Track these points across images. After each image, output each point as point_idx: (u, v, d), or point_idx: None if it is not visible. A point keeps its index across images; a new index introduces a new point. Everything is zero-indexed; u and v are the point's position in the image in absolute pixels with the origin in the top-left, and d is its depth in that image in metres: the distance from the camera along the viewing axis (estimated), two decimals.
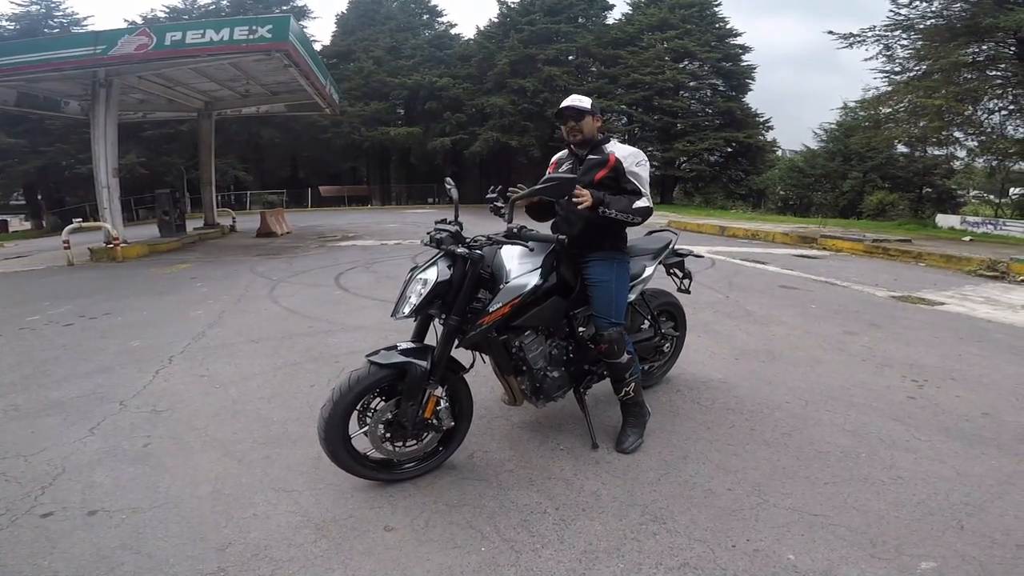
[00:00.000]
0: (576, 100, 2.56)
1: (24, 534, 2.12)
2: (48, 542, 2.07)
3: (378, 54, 31.93)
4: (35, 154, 24.93)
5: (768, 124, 29.46)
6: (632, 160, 2.53)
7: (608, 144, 2.60)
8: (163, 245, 12.54)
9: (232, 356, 4.31)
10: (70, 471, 2.59)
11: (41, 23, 27.32)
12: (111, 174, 11.25)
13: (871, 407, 3.21)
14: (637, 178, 2.50)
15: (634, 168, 2.51)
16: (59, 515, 2.25)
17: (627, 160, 2.53)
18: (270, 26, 10.18)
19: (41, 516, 2.23)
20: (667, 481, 2.41)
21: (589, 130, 2.57)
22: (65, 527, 2.17)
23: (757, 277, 7.52)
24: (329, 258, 9.86)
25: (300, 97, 15.42)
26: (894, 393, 3.43)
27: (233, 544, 2.04)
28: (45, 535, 2.12)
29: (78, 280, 8.56)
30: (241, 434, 2.94)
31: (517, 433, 2.87)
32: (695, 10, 28.11)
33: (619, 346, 2.55)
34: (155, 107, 16.15)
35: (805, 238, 11.66)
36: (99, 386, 3.73)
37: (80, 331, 5.25)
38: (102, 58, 10.03)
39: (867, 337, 4.68)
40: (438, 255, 2.26)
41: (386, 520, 2.16)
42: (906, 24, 14.69)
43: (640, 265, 3.00)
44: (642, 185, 2.50)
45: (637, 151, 2.58)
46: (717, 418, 3.05)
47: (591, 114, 2.55)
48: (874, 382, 3.63)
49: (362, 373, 2.19)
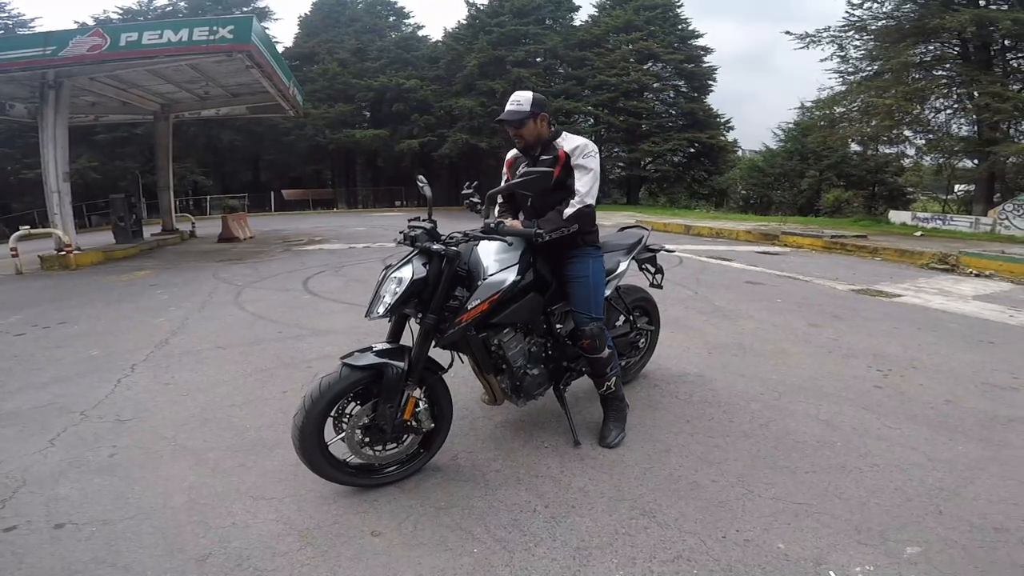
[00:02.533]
0: (514, 106, 2.47)
1: None
2: (14, 557, 1.98)
3: (343, 56, 31.45)
4: None
5: (729, 125, 30.24)
6: (580, 152, 2.48)
7: (559, 138, 2.55)
8: (119, 252, 12.03)
9: (199, 363, 4.16)
10: (31, 483, 2.47)
11: None
12: (62, 178, 10.73)
13: (841, 397, 3.31)
14: (582, 171, 2.46)
15: (580, 160, 2.47)
16: (23, 529, 2.15)
17: (575, 153, 2.48)
18: (232, 27, 9.87)
19: (4, 530, 2.13)
20: (653, 475, 2.42)
21: (532, 134, 2.50)
22: (31, 541, 2.07)
23: (723, 273, 7.72)
24: (296, 262, 9.64)
25: (262, 99, 15.04)
26: (861, 383, 3.54)
27: (214, 554, 1.96)
28: (11, 549, 2.02)
29: (28, 289, 8.14)
30: (213, 442, 2.84)
31: (500, 432, 2.85)
32: (659, 12, 28.58)
33: (600, 341, 2.56)
34: (108, 110, 15.49)
35: (767, 235, 12.04)
36: (57, 396, 3.54)
37: (32, 341, 5.00)
38: (52, 59, 9.53)
39: (831, 329, 4.83)
40: (413, 253, 2.21)
41: (372, 525, 2.11)
42: (859, 25, 15.28)
43: (614, 260, 3.02)
44: (586, 177, 2.46)
45: (586, 142, 2.52)
46: (696, 411, 3.09)
47: (532, 116, 2.46)
48: (841, 372, 3.74)
49: (334, 377, 2.12)
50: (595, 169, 2.48)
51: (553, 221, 2.42)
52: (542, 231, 2.35)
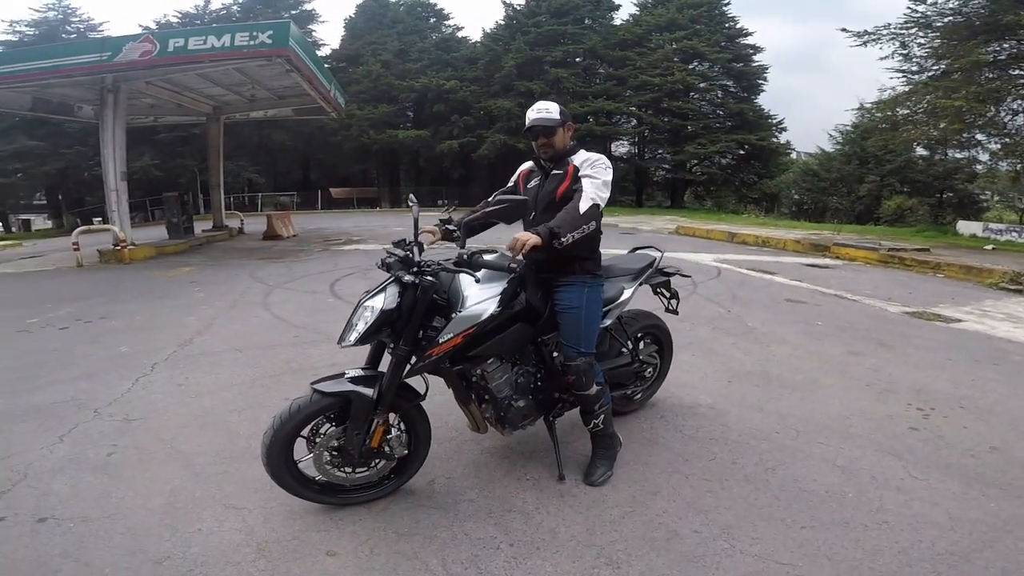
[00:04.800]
0: (544, 113, 2.36)
1: None
2: None
3: (386, 57, 32.10)
4: (55, 156, 25.44)
5: (781, 126, 29.06)
6: (588, 163, 2.34)
7: (573, 155, 2.43)
8: (170, 247, 12.64)
9: (214, 365, 4.27)
10: (31, 478, 2.60)
11: (59, 29, 27.85)
12: (119, 178, 11.35)
13: (868, 439, 3.01)
14: (589, 179, 2.29)
15: (588, 171, 2.32)
16: (9, 520, 2.26)
17: (583, 165, 2.34)
18: (270, 32, 10.21)
19: None
20: (631, 519, 2.28)
21: (561, 143, 2.40)
22: (12, 533, 2.19)
23: (763, 289, 7.23)
24: (330, 263, 9.83)
25: (306, 101, 15.50)
26: (895, 423, 3.22)
27: (171, 558, 2.03)
28: None
29: (83, 282, 8.64)
30: (205, 447, 2.89)
31: (484, 459, 2.76)
32: (703, 10, 27.83)
33: (587, 377, 2.41)
34: (165, 111, 16.33)
35: (817, 246, 11.32)
36: (80, 392, 3.73)
37: (74, 335, 5.27)
38: (108, 64, 10.16)
39: (874, 359, 4.40)
40: (388, 280, 2.16)
41: (331, 544, 2.10)
42: (923, 22, 14.30)
43: (617, 288, 2.82)
44: (595, 182, 2.28)
45: (598, 156, 2.38)
46: (698, 449, 2.89)
47: (562, 125, 2.37)
48: (875, 410, 3.41)
49: (304, 401, 2.12)
50: (604, 178, 2.31)
51: (569, 219, 2.16)
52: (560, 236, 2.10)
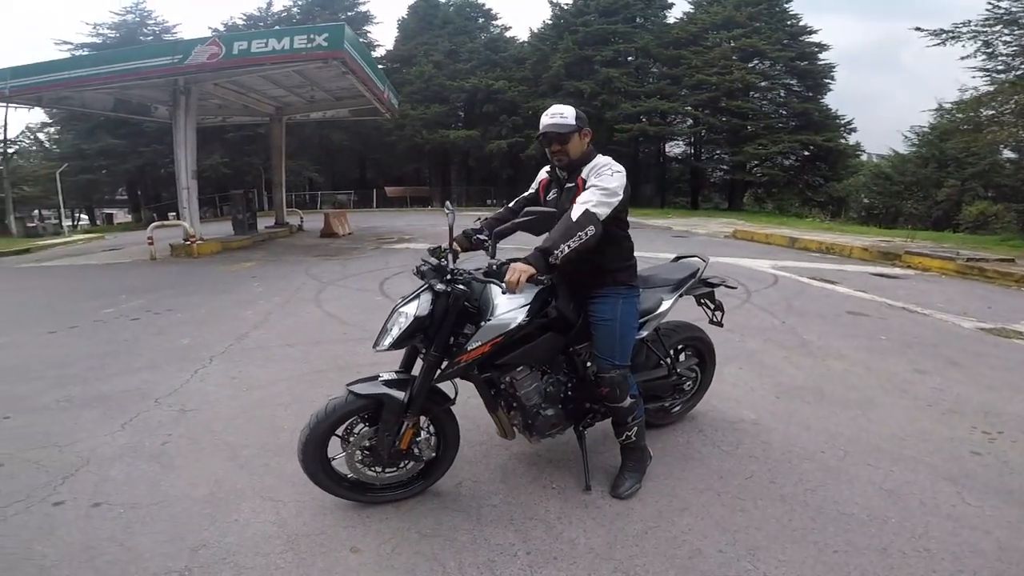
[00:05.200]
0: (558, 118, 2.26)
1: (32, 520, 2.30)
2: (49, 529, 2.24)
3: (437, 58, 32.73)
4: (135, 154, 27.38)
5: (850, 127, 27.58)
6: (593, 171, 2.24)
7: (588, 163, 2.31)
8: (235, 243, 13.34)
9: (266, 360, 4.46)
10: (92, 464, 2.78)
11: (136, 31, 29.84)
12: (190, 176, 12.08)
13: (923, 462, 2.83)
14: (591, 188, 2.17)
15: (592, 179, 2.21)
16: (68, 504, 2.42)
17: (589, 175, 2.24)
18: (326, 34, 10.63)
19: (53, 504, 2.42)
20: (654, 535, 2.23)
21: (576, 150, 2.31)
22: (69, 516, 2.33)
23: (823, 300, 6.81)
24: (381, 261, 10.10)
25: (361, 102, 16.02)
26: (956, 446, 3.00)
27: (207, 546, 2.14)
28: (49, 522, 2.29)
29: (155, 275, 9.25)
30: (250, 439, 3.04)
31: (512, 465, 2.77)
32: (763, 7, 26.83)
33: (621, 389, 2.37)
34: (232, 112, 17.25)
35: (887, 254, 10.57)
36: (143, 382, 3.98)
37: (143, 326, 5.64)
38: (179, 67, 10.87)
39: (940, 378, 4.10)
40: (422, 287, 2.20)
41: (355, 541, 2.17)
42: (1008, 19, 13.20)
43: (656, 298, 2.74)
44: (587, 192, 2.15)
45: (607, 161, 2.26)
46: (735, 466, 2.79)
47: (577, 131, 2.27)
48: (935, 432, 3.19)
49: (339, 402, 2.21)
50: (606, 185, 2.15)
51: (560, 231, 2.06)
52: (551, 252, 2.02)
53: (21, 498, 2.44)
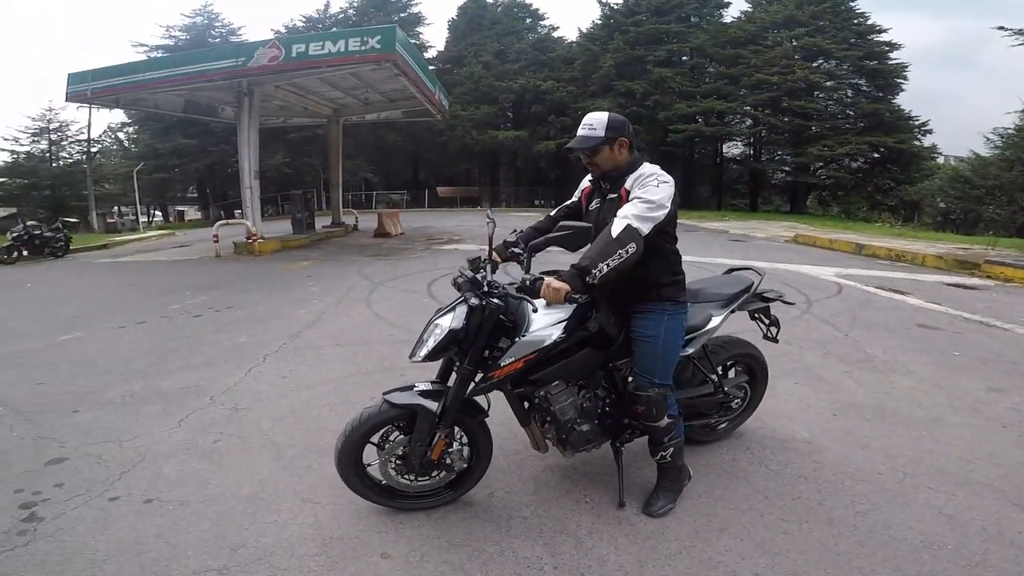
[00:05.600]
0: (586, 130, 2.18)
1: (89, 514, 2.42)
2: (104, 524, 2.36)
3: (486, 59, 33.04)
4: (204, 153, 28.93)
5: (925, 128, 25.89)
6: (637, 182, 2.13)
7: (632, 172, 2.20)
8: (293, 242, 13.88)
9: (316, 360, 4.61)
10: (149, 460, 2.93)
11: (205, 33, 31.40)
12: (253, 176, 12.65)
13: (990, 487, 2.63)
14: (634, 201, 2.07)
15: (636, 191, 2.10)
16: (123, 500, 2.54)
17: (633, 186, 2.14)
18: (379, 37, 10.91)
19: (109, 499, 2.55)
20: (688, 555, 2.16)
21: (607, 161, 2.21)
22: (123, 511, 2.45)
23: (891, 311, 6.39)
24: (430, 262, 10.27)
25: (414, 104, 16.36)
26: None
27: (246, 546, 2.21)
28: (104, 517, 2.41)
29: (218, 272, 9.74)
30: (295, 439, 3.14)
31: (545, 477, 2.75)
32: (827, 6, 25.65)
33: (659, 409, 2.29)
34: (293, 113, 17.96)
35: (964, 263, 9.80)
36: (201, 379, 4.18)
37: (204, 323, 5.94)
38: (243, 69, 11.40)
39: (1018, 397, 3.78)
40: (458, 300, 2.21)
41: (386, 547, 2.20)
42: None
43: (704, 315, 2.63)
44: (629, 206, 2.04)
45: (651, 172, 2.14)
46: (782, 486, 2.65)
47: (607, 142, 2.17)
48: (1007, 455, 2.96)
49: (374, 411, 2.26)
50: (651, 197, 2.03)
51: (598, 248, 1.97)
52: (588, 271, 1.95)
53: (81, 492, 2.59)
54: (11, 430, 3.28)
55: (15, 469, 2.81)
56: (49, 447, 3.05)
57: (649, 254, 2.07)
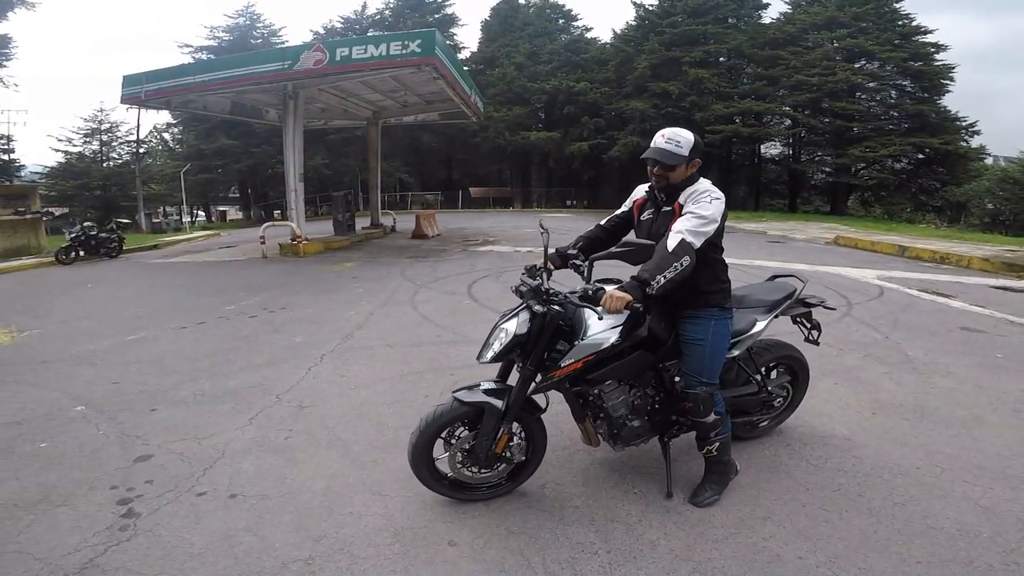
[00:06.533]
0: (672, 146, 2.29)
1: (181, 509, 2.61)
2: (195, 518, 2.54)
3: (519, 60, 33.17)
4: (246, 154, 29.83)
5: (973, 129, 24.93)
6: (691, 198, 2.27)
7: (689, 186, 2.34)
8: (336, 243, 14.31)
9: (370, 359, 4.86)
10: (227, 456, 3.11)
11: (247, 34, 32.32)
12: (297, 179, 13.07)
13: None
14: (687, 216, 2.22)
15: (689, 205, 2.25)
16: (209, 495, 2.72)
17: (687, 200, 2.29)
18: (419, 41, 11.09)
19: (197, 495, 2.73)
20: (734, 541, 2.31)
21: (679, 178, 2.36)
22: (211, 506, 2.63)
23: (934, 314, 6.32)
24: (467, 264, 10.50)
25: (450, 106, 16.63)
26: None
27: (327, 537, 2.39)
28: (195, 511, 2.59)
29: (267, 273, 10.17)
30: (360, 436, 3.37)
31: (594, 470, 2.92)
32: (870, 7, 24.97)
33: (706, 406, 2.45)
34: (334, 115, 18.46)
35: (1012, 265, 9.49)
36: (265, 378, 4.41)
37: (260, 323, 6.25)
38: (288, 72, 11.73)
39: None
40: (521, 306, 2.41)
41: (453, 535, 2.40)
42: None
43: (749, 319, 2.78)
44: (683, 221, 2.20)
45: (705, 188, 2.29)
46: (822, 479, 2.79)
47: (687, 163, 2.31)
48: None
49: (445, 408, 2.46)
50: (704, 212, 2.19)
51: (656, 261, 2.14)
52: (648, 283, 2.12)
53: (171, 488, 2.76)
54: (97, 428, 3.49)
55: (107, 467, 2.98)
56: (135, 445, 3.24)
57: (698, 263, 2.22)
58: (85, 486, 2.80)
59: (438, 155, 36.59)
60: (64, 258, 12.13)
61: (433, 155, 36.25)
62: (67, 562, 2.21)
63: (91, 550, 2.29)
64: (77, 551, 2.28)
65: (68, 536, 2.38)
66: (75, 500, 2.68)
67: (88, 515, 2.55)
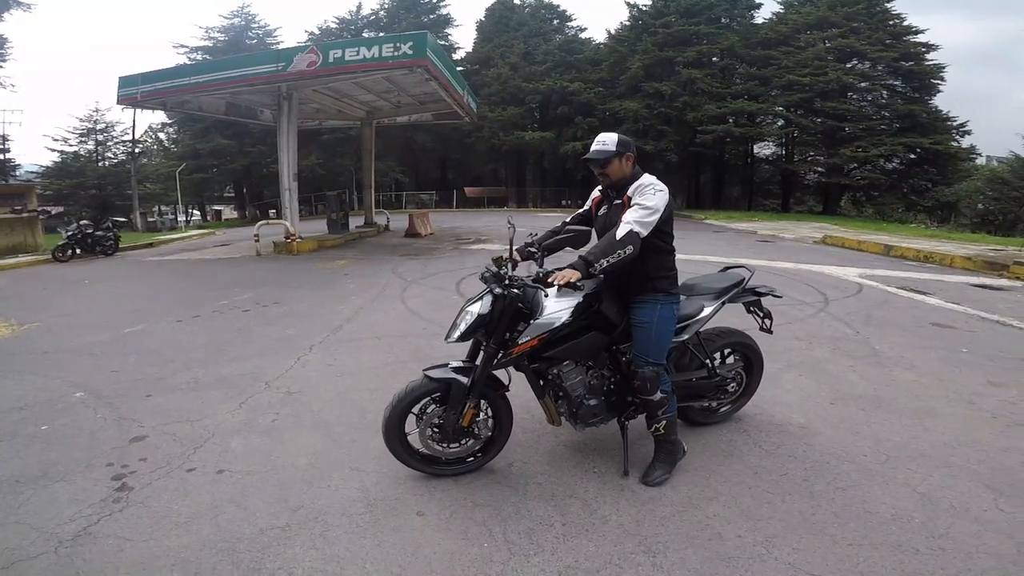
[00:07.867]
0: (599, 145, 2.62)
1: (172, 483, 2.81)
2: (184, 491, 2.73)
3: (513, 60, 33.37)
4: (242, 154, 29.89)
5: (963, 129, 25.21)
6: (637, 191, 2.55)
7: (635, 181, 2.61)
8: (329, 241, 14.47)
9: (357, 350, 5.04)
10: (217, 436, 3.32)
11: (242, 34, 32.33)
12: (291, 178, 13.23)
13: (967, 470, 2.87)
14: (634, 207, 2.49)
15: (636, 198, 2.53)
16: (199, 471, 2.93)
17: (634, 193, 2.56)
18: (411, 43, 11.28)
19: (187, 471, 2.93)
20: (680, 518, 2.48)
21: (616, 173, 2.63)
22: (200, 480, 2.83)
23: (907, 311, 6.47)
24: (458, 262, 10.70)
25: (443, 107, 16.78)
26: (1009, 457, 2.99)
27: (304, 507, 2.59)
28: (184, 486, 2.78)
29: (261, 270, 10.32)
30: (343, 419, 3.57)
31: (560, 451, 3.12)
32: (861, 7, 25.22)
33: (652, 384, 2.65)
34: (328, 116, 18.61)
35: (993, 264, 9.69)
36: (256, 367, 4.62)
37: (253, 317, 6.44)
38: (282, 74, 11.91)
39: (1016, 391, 3.92)
40: (485, 291, 2.63)
41: (422, 506, 2.59)
42: None
43: (697, 305, 3.00)
44: (630, 212, 2.47)
45: (651, 181, 2.57)
46: (772, 464, 2.95)
47: (616, 156, 2.60)
48: (991, 442, 3.16)
49: (416, 384, 2.67)
50: (648, 204, 2.48)
51: (602, 246, 2.43)
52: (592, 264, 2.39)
53: (162, 465, 2.97)
54: (95, 412, 3.71)
55: (104, 447, 3.19)
56: (130, 427, 3.44)
57: (647, 251, 2.52)
58: (83, 464, 2.99)
59: (433, 155, 36.75)
60: (61, 256, 12.27)
61: (428, 155, 36.41)
62: (62, 531, 2.39)
63: (85, 520, 2.47)
64: (72, 521, 2.46)
65: (65, 508, 2.56)
66: (73, 476, 2.86)
67: (84, 489, 2.73)
